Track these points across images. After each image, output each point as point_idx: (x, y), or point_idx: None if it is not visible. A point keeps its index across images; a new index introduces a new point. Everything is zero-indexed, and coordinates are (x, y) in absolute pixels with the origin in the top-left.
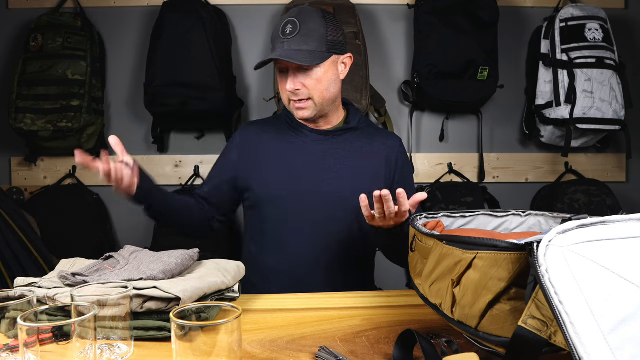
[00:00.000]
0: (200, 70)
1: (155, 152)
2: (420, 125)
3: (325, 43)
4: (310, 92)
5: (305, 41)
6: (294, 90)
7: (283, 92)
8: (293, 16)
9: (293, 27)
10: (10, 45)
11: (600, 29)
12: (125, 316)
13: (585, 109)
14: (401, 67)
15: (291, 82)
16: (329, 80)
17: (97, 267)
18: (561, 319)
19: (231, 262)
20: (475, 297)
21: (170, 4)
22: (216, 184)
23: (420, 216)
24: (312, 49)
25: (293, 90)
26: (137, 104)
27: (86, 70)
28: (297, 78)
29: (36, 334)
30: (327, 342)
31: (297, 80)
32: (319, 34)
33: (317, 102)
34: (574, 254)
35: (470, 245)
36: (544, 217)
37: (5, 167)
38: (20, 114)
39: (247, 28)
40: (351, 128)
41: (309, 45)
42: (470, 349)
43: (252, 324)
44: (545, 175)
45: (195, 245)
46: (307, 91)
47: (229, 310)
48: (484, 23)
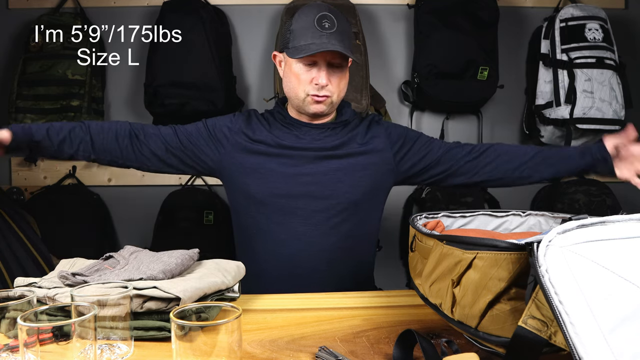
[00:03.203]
0: (200, 70)
1: None
2: (420, 125)
3: (351, 43)
4: (334, 89)
5: (341, 39)
6: (325, 85)
7: (303, 84)
8: (325, 11)
9: (331, 23)
10: (10, 45)
11: (600, 29)
12: (125, 316)
13: (585, 109)
14: (401, 67)
15: (325, 77)
16: (346, 82)
17: (97, 267)
18: (561, 319)
19: (231, 262)
20: (475, 297)
21: (170, 4)
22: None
23: (420, 216)
24: (348, 46)
25: (324, 84)
26: (137, 104)
27: (86, 70)
28: (328, 73)
29: (36, 334)
30: (327, 342)
31: (327, 76)
32: (349, 33)
33: (334, 100)
34: (574, 254)
35: (470, 245)
36: (544, 217)
37: (5, 167)
38: (20, 114)
39: (247, 28)
40: (344, 121)
41: (344, 43)
42: (470, 349)
43: (252, 324)
44: None
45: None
46: (331, 89)
47: (229, 310)
48: (484, 23)
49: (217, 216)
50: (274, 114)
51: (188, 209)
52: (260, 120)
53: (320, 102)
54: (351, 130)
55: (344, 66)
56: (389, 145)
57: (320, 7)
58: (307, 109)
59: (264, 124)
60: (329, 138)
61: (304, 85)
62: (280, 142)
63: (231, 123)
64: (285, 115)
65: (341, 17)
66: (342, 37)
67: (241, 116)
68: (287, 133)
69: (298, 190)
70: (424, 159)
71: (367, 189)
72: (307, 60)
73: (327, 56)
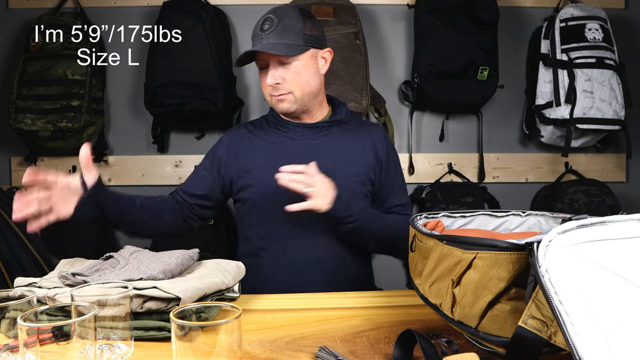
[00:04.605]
0: (200, 70)
1: (155, 152)
2: (420, 125)
3: (302, 37)
4: (290, 85)
5: (282, 35)
6: (273, 84)
7: (265, 88)
8: (270, 13)
9: (270, 23)
10: (10, 45)
11: (600, 29)
12: (125, 316)
13: (585, 109)
14: (401, 67)
15: (271, 76)
16: (309, 74)
17: (97, 267)
18: (561, 319)
19: (231, 262)
20: (475, 297)
21: (170, 4)
22: (203, 177)
23: (420, 216)
24: (290, 42)
25: (273, 84)
26: (137, 104)
27: (86, 70)
28: (277, 72)
29: (36, 334)
30: (327, 342)
31: (277, 74)
32: (297, 29)
33: (297, 95)
34: (574, 254)
35: (470, 245)
36: (544, 217)
37: (5, 167)
38: (21, 114)
39: (247, 28)
40: (337, 121)
41: (286, 39)
42: (470, 349)
43: (252, 324)
44: (545, 175)
45: (195, 245)
46: (287, 85)
47: (229, 310)
48: (484, 23)
49: (217, 216)
50: (269, 118)
51: None
52: (251, 127)
53: (283, 99)
54: (344, 130)
55: (296, 60)
56: (380, 154)
57: (269, 11)
58: (278, 110)
59: (254, 130)
60: (320, 135)
61: (266, 89)
62: (273, 144)
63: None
64: (278, 118)
65: (289, 14)
66: (283, 34)
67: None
68: (280, 134)
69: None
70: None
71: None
72: (259, 64)
73: (271, 56)
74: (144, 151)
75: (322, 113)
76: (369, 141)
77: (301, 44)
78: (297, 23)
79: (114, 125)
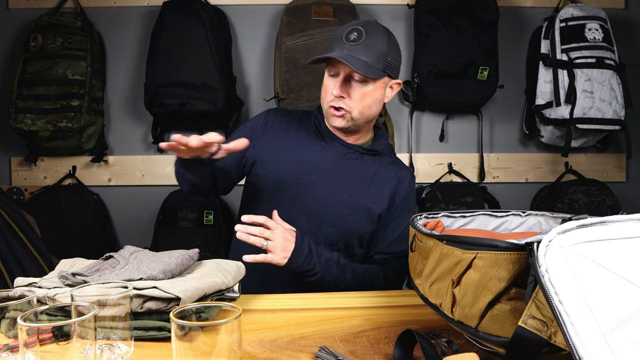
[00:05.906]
0: (200, 70)
1: (155, 152)
2: (420, 125)
3: (383, 61)
4: (353, 104)
5: (365, 52)
6: (338, 96)
7: (326, 93)
8: (360, 25)
9: (358, 35)
10: (10, 45)
11: (600, 29)
12: (125, 316)
13: (585, 109)
14: (401, 67)
15: (339, 88)
16: (374, 100)
17: (97, 267)
18: (561, 319)
19: (231, 262)
20: (475, 297)
21: (170, 4)
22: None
23: (420, 216)
24: (370, 62)
25: (338, 95)
26: (137, 104)
27: (86, 70)
28: (345, 85)
29: (36, 334)
30: (327, 342)
31: (345, 88)
32: (380, 51)
33: (354, 116)
34: (574, 254)
35: (470, 245)
36: (544, 217)
37: (5, 167)
38: (20, 114)
39: (247, 28)
40: (373, 150)
41: (368, 57)
42: (470, 349)
43: (252, 324)
44: (545, 175)
45: (195, 245)
46: (349, 102)
47: (229, 310)
48: (484, 23)
49: (217, 216)
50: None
51: (188, 209)
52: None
53: (339, 116)
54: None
55: (368, 82)
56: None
57: (359, 22)
58: (329, 121)
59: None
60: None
61: (327, 95)
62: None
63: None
64: (322, 123)
65: (378, 33)
66: (367, 51)
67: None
68: (316, 139)
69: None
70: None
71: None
72: (330, 70)
73: (346, 69)
74: (144, 151)
75: (364, 138)
76: (394, 182)
77: (380, 68)
78: (383, 45)
79: (114, 125)
